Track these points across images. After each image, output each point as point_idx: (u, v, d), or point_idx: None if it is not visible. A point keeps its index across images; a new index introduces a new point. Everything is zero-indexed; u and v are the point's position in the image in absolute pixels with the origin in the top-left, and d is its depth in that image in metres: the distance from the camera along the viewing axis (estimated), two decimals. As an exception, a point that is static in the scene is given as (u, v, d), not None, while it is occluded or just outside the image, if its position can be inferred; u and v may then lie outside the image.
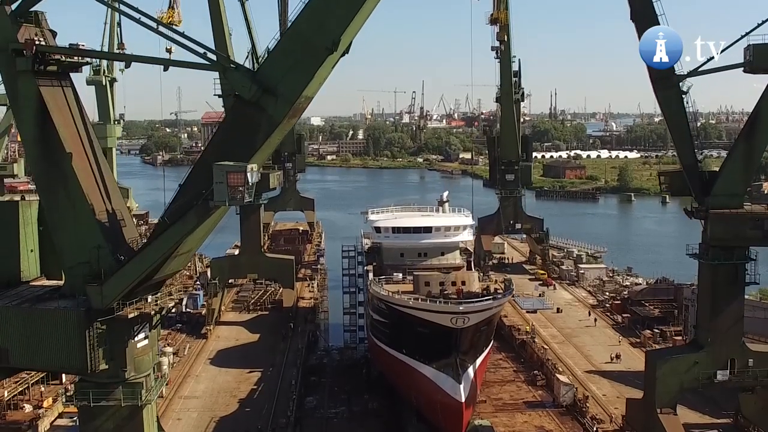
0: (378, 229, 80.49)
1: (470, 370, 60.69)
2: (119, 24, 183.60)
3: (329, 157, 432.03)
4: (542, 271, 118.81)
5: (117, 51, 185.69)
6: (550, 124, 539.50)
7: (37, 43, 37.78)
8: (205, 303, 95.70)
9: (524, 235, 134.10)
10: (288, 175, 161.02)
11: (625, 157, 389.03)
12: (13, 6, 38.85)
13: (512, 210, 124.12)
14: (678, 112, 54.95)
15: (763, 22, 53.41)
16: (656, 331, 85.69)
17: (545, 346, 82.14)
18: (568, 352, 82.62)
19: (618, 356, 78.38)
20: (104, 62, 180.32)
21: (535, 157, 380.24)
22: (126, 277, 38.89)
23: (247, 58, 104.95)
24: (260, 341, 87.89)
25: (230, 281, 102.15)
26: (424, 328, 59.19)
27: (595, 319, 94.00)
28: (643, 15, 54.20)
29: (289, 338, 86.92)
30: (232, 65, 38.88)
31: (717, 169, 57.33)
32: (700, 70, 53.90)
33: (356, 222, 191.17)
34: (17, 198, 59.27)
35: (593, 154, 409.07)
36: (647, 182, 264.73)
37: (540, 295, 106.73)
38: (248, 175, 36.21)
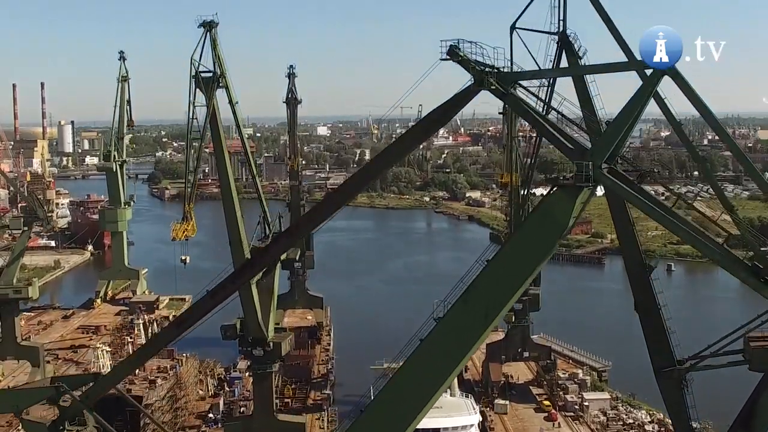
0: None
1: None
2: (129, 102, 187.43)
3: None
4: (547, 403, 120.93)
5: (127, 127, 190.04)
6: (556, 153, 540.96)
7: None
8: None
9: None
10: (297, 274, 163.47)
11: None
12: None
13: (520, 338, 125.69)
14: (677, 401, 56.81)
15: (763, 318, 55.37)
16: None
17: None
18: None
19: None
20: (113, 146, 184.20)
21: (541, 194, 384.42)
22: None
23: None
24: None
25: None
26: None
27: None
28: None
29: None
30: None
31: None
32: (701, 365, 55.95)
33: (367, 306, 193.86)
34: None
35: (599, 191, 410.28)
36: (652, 241, 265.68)
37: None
38: None
